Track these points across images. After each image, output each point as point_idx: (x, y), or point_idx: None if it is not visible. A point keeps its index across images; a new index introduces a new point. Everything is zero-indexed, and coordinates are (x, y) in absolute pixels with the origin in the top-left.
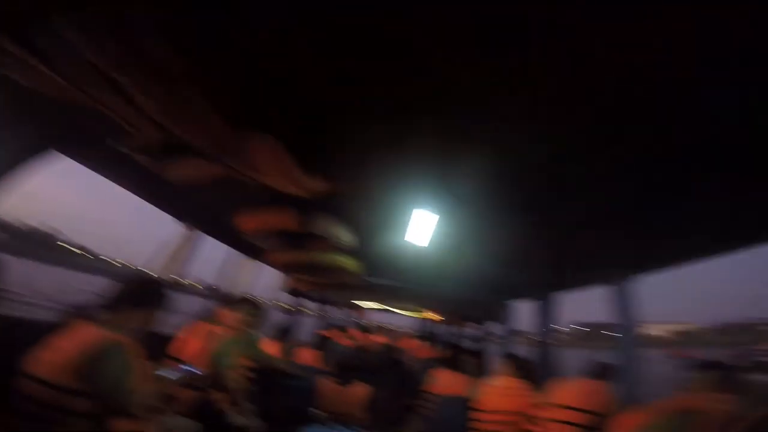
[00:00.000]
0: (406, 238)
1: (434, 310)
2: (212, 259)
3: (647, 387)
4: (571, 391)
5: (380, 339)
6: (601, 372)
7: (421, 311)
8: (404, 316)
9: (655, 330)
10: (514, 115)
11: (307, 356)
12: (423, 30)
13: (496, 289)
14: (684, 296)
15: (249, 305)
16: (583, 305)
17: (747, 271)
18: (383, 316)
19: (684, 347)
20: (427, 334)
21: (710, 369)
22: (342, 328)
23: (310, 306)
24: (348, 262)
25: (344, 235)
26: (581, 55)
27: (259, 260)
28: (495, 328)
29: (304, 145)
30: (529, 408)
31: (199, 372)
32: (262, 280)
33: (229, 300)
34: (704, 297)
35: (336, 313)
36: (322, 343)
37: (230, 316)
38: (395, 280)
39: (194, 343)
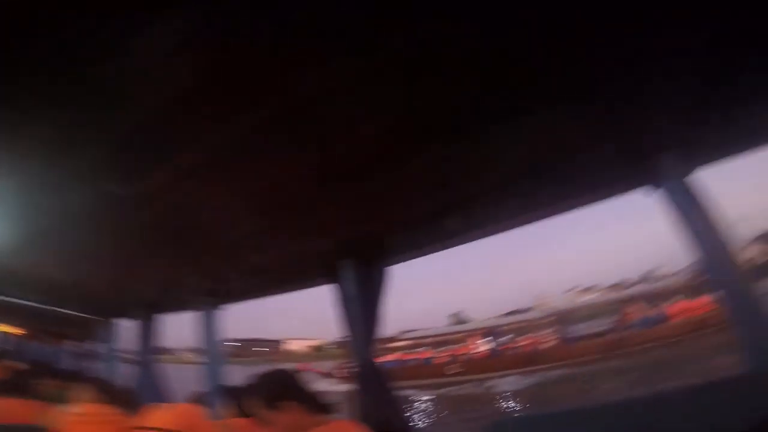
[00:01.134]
0: None
1: (9, 323)
2: None
3: None
4: (164, 415)
5: None
6: (199, 397)
7: None
8: None
9: (293, 345)
10: None
11: None
12: None
13: (92, 305)
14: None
15: None
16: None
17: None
18: None
19: (314, 361)
20: None
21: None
22: None
23: None
24: None
25: None
26: None
27: None
28: (98, 347)
29: None
30: None
31: None
32: None
33: None
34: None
35: None
36: None
37: None
38: None
39: None
